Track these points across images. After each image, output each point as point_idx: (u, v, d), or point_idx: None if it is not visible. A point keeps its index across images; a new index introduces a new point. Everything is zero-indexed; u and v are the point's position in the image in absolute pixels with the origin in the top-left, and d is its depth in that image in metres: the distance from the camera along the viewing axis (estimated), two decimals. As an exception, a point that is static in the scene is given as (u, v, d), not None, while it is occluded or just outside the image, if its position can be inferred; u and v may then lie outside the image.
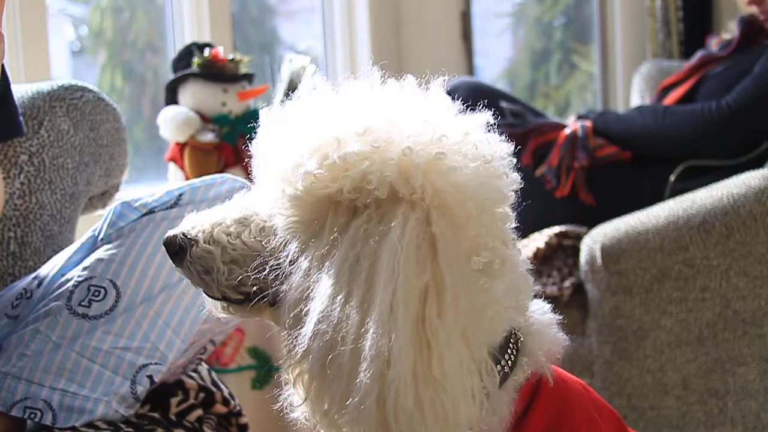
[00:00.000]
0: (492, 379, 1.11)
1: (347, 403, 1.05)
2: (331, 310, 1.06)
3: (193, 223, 1.23)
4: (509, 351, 1.19)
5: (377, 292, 1.04)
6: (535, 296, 1.27)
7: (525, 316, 1.23)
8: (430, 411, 1.03)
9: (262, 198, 1.21)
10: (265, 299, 1.18)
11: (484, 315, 1.10)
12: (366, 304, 1.05)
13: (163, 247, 1.25)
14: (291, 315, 1.12)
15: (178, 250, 1.23)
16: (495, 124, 1.19)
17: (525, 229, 2.85)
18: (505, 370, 1.17)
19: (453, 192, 1.08)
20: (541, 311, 1.26)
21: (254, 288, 1.19)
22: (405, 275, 1.04)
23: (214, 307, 1.25)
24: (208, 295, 1.24)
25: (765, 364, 2.58)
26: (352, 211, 1.10)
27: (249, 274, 1.18)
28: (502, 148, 1.16)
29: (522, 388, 1.20)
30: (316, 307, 1.08)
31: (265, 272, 1.16)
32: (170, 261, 1.56)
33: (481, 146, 1.13)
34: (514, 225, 1.19)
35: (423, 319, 1.04)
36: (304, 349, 1.09)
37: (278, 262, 1.16)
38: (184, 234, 1.22)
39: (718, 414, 2.61)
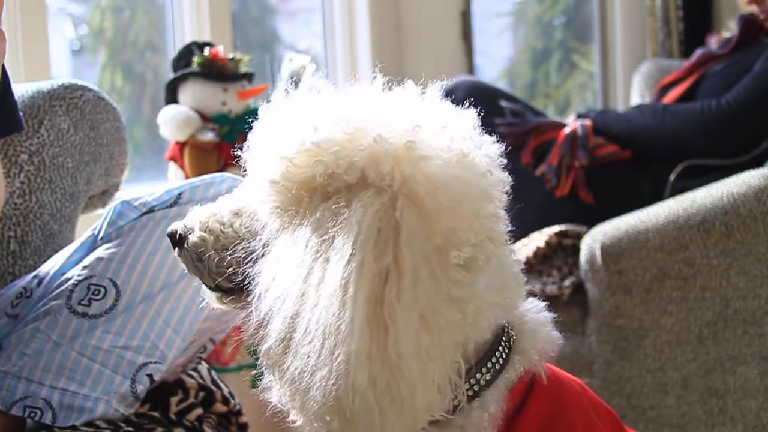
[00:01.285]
0: (456, 369, 1.11)
1: (298, 381, 1.06)
2: (291, 290, 1.08)
3: (195, 215, 1.27)
4: (501, 348, 1.19)
5: (331, 269, 1.05)
6: (535, 295, 1.28)
7: (518, 315, 1.23)
8: (385, 393, 1.03)
9: (252, 188, 1.22)
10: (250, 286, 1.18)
11: (464, 308, 1.10)
12: (320, 283, 1.06)
13: (166, 240, 1.29)
14: (257, 297, 1.13)
15: (179, 239, 1.26)
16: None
17: (525, 229, 2.85)
18: (496, 367, 1.18)
19: (422, 181, 1.08)
20: (535, 310, 1.26)
21: (241, 275, 1.20)
22: (362, 255, 1.04)
23: (209, 299, 1.28)
24: (205, 285, 1.27)
25: (765, 363, 2.58)
26: (325, 196, 1.11)
27: (233, 258, 1.21)
28: (487, 147, 1.17)
29: (515, 386, 1.20)
30: (276, 286, 1.10)
31: (247, 258, 1.18)
32: (171, 259, 1.58)
33: (458, 141, 1.13)
34: (506, 224, 1.19)
35: (381, 301, 1.04)
36: (258, 323, 1.11)
37: (256, 247, 1.18)
38: (185, 225, 1.26)
39: (718, 413, 2.61)
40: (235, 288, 1.23)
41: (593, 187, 2.99)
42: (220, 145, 3.00)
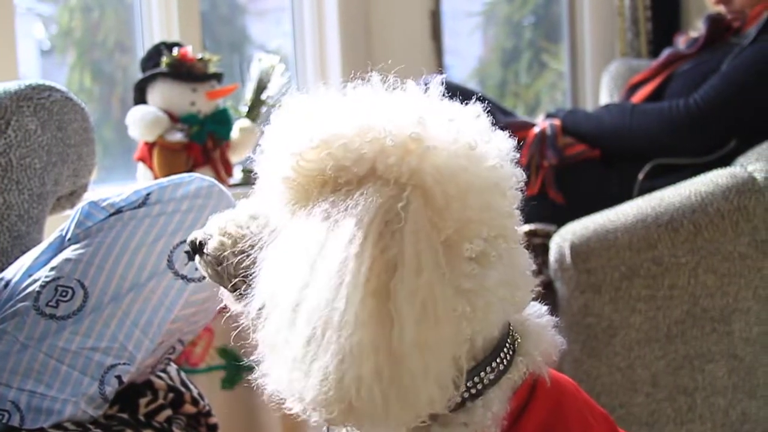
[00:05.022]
0: (457, 364, 1.11)
1: (298, 368, 1.06)
2: (295, 279, 1.08)
3: (214, 222, 1.28)
4: (505, 349, 1.19)
5: (336, 261, 1.05)
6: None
7: (521, 318, 1.25)
8: (391, 385, 1.03)
9: (265, 188, 1.23)
10: None
11: (474, 301, 1.11)
12: (324, 273, 1.06)
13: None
14: (257, 284, 1.14)
15: (198, 246, 1.27)
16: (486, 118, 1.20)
17: (494, 228, 2.85)
18: (500, 368, 1.18)
19: (430, 171, 1.09)
20: (537, 314, 1.27)
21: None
22: (368, 247, 1.05)
23: (228, 300, 1.27)
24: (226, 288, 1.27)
25: (733, 360, 2.60)
26: (335, 189, 1.12)
27: (250, 259, 1.20)
28: (497, 140, 1.18)
29: (519, 388, 1.21)
30: (278, 273, 1.10)
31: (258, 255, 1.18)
32: (139, 259, 1.58)
33: (465, 133, 1.14)
34: (519, 222, 1.21)
35: (387, 294, 1.04)
36: (257, 310, 1.12)
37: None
38: (204, 232, 1.27)
39: (687, 411, 2.62)
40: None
41: (562, 186, 3.00)
42: (189, 145, 2.99)
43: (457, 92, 1.23)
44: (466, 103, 1.19)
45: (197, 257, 1.28)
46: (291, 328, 1.07)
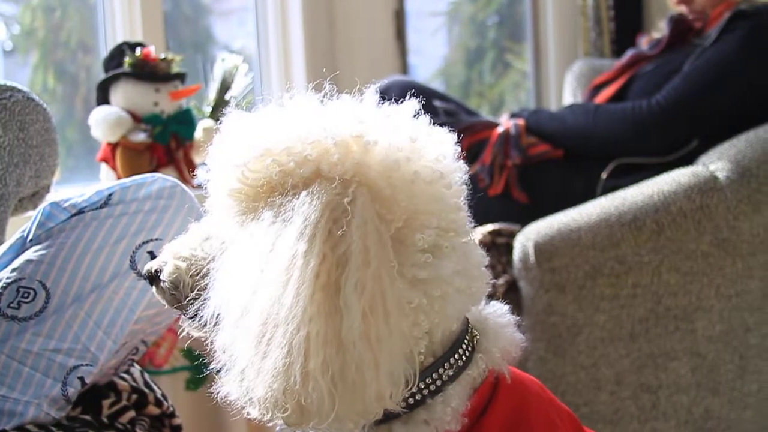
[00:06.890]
0: (411, 358, 1.12)
1: (253, 371, 1.06)
2: (245, 283, 1.09)
3: (168, 248, 1.28)
4: (464, 346, 1.20)
5: (285, 259, 1.06)
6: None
7: (481, 316, 1.26)
8: (338, 379, 1.04)
9: (215, 205, 1.23)
10: None
11: (429, 291, 1.13)
12: (273, 273, 1.07)
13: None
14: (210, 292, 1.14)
15: (154, 275, 1.27)
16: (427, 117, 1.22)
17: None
18: (459, 364, 1.19)
19: (374, 165, 1.11)
20: (498, 312, 1.28)
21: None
22: (317, 244, 1.06)
23: (188, 327, 1.26)
24: (183, 314, 1.26)
25: (696, 358, 2.61)
26: (283, 193, 1.12)
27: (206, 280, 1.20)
28: (438, 134, 1.20)
29: (480, 386, 1.21)
30: (229, 279, 1.11)
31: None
32: (101, 260, 1.57)
33: (405, 127, 1.16)
34: (468, 215, 1.21)
35: (338, 289, 1.05)
36: (210, 318, 1.12)
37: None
38: (161, 260, 1.27)
39: (651, 409, 2.63)
40: None
41: (526, 185, 3.01)
42: (152, 146, 2.98)
43: (419, 92, 1.24)
44: (429, 104, 1.20)
45: (153, 287, 1.28)
46: (243, 330, 1.08)
